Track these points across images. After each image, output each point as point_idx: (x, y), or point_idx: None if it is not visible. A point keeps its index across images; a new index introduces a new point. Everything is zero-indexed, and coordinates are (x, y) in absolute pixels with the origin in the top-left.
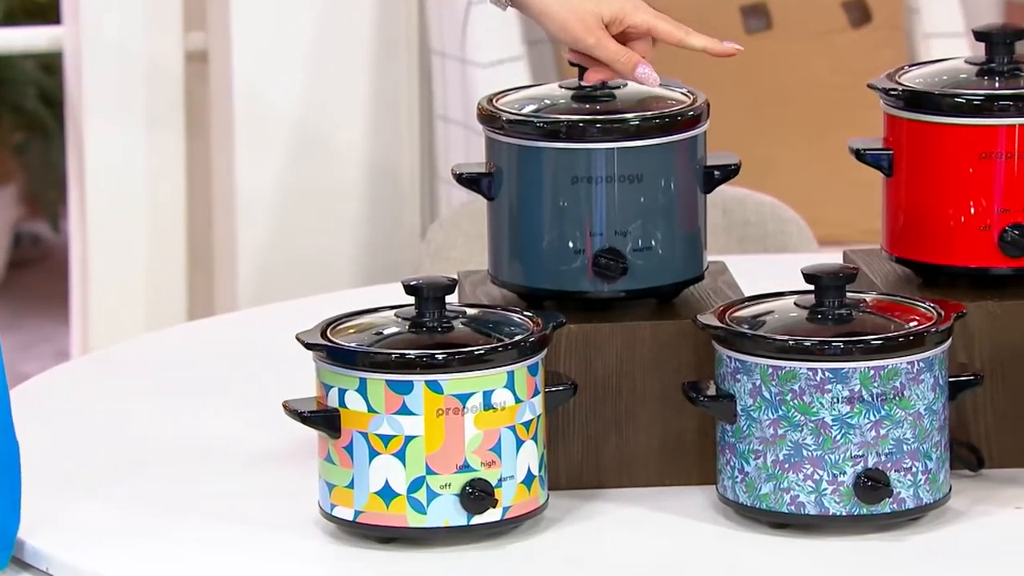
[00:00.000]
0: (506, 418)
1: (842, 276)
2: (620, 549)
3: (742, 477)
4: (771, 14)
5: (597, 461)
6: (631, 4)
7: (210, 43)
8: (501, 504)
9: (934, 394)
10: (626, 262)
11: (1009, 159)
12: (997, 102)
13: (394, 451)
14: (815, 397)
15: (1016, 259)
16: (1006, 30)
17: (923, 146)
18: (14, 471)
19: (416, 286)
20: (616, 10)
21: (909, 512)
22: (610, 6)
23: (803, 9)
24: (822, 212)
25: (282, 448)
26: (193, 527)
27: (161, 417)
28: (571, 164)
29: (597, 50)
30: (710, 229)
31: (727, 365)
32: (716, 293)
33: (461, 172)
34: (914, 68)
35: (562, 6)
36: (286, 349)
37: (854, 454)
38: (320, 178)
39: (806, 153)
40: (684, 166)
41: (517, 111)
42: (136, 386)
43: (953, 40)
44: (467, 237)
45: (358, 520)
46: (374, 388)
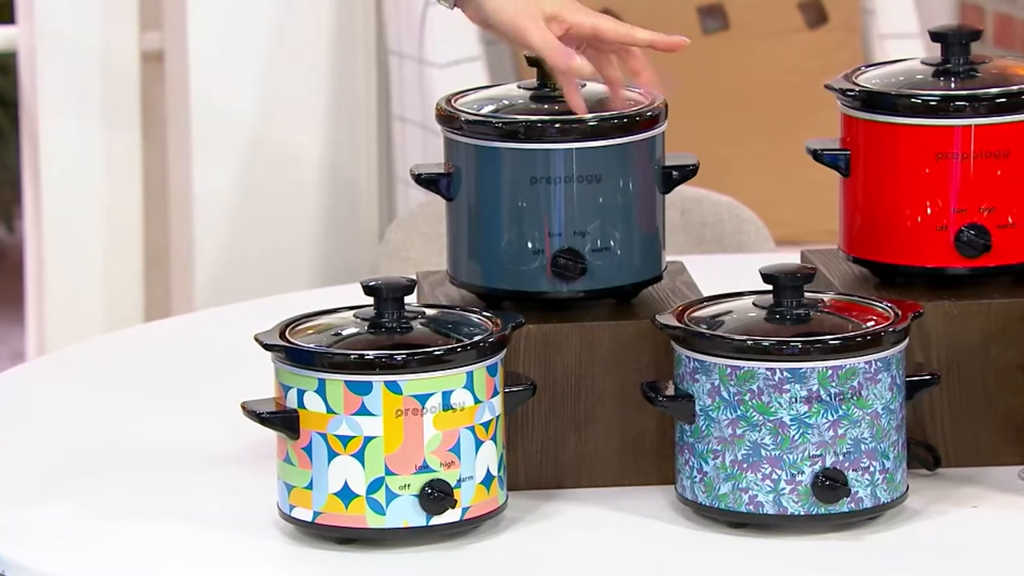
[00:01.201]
0: (465, 418)
1: (800, 276)
2: (579, 549)
3: (701, 477)
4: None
5: (556, 461)
6: (572, 5)
7: (166, 43)
8: (460, 505)
9: (891, 394)
10: (585, 262)
11: (965, 159)
12: (953, 103)
13: (353, 452)
14: (773, 397)
15: (972, 259)
16: (962, 31)
17: (880, 146)
18: None
19: (375, 287)
20: (557, 7)
21: (867, 511)
22: (551, 5)
23: (760, 10)
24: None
25: (240, 449)
26: (150, 528)
27: (118, 419)
28: (530, 164)
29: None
30: (668, 229)
31: (686, 365)
32: (675, 293)
33: (419, 172)
34: (870, 69)
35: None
36: (244, 350)
37: (812, 454)
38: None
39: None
40: (642, 166)
41: (476, 111)
42: (93, 388)
43: (908, 41)
44: (425, 238)
45: (317, 521)
46: (333, 389)
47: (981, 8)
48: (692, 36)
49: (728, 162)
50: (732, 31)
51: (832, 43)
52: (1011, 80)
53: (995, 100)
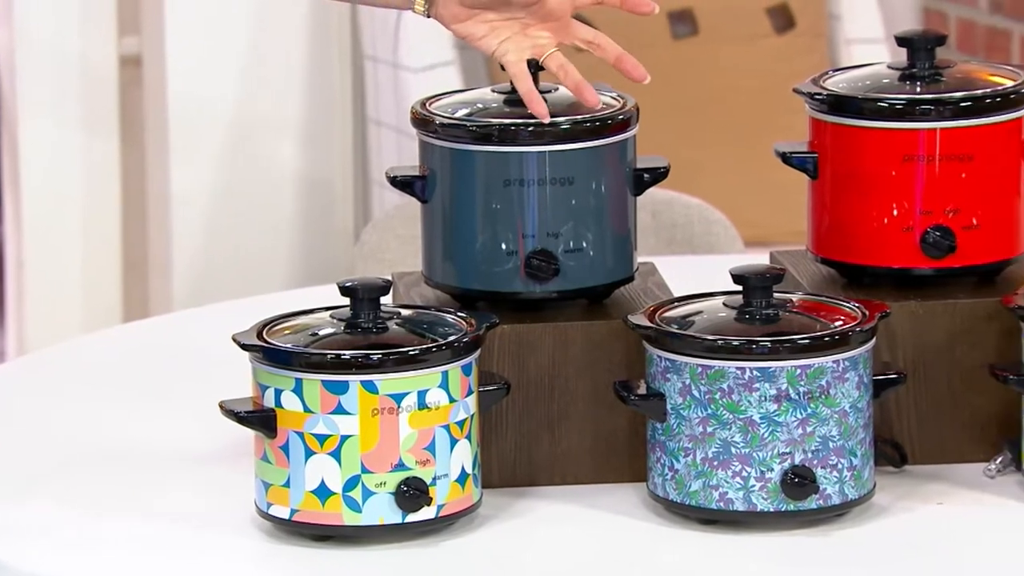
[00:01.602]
0: (440, 417)
1: (769, 277)
2: (552, 546)
3: (672, 474)
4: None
5: (530, 459)
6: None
7: (144, 48)
8: (435, 502)
9: (859, 392)
10: (558, 263)
11: (930, 162)
12: (919, 106)
13: (329, 450)
14: (743, 396)
15: (937, 260)
16: (927, 36)
17: (847, 149)
18: None
19: (351, 287)
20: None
21: (835, 508)
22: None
23: (728, 15)
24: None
25: (218, 448)
26: (130, 526)
27: (98, 418)
28: (503, 167)
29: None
30: (639, 231)
31: (657, 364)
32: (646, 293)
33: (395, 175)
34: (838, 73)
35: None
36: (222, 350)
37: (781, 451)
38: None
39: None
40: (614, 169)
41: (450, 115)
42: (73, 388)
43: (874, 46)
44: (401, 239)
45: (294, 518)
46: (310, 388)
47: (944, 14)
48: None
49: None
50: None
51: (799, 48)
52: (975, 84)
53: (960, 104)
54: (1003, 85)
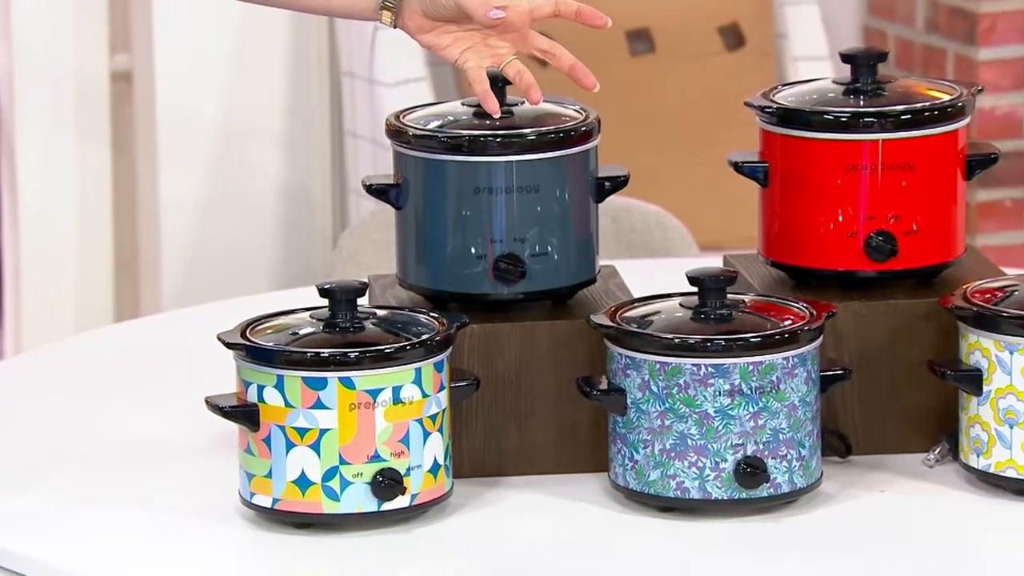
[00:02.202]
0: (414, 411)
1: (723, 279)
2: (519, 532)
3: (632, 465)
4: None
5: (498, 451)
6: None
7: (135, 64)
8: (409, 491)
9: (807, 387)
10: (524, 266)
11: (873, 171)
12: (862, 119)
13: (309, 443)
14: (699, 391)
15: (880, 263)
16: (870, 53)
17: (795, 159)
18: None
19: (329, 289)
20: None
21: (784, 496)
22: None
23: (683, 34)
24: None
25: (204, 441)
26: (120, 515)
27: (90, 413)
28: (473, 176)
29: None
30: (601, 236)
31: (618, 361)
32: (607, 295)
33: (370, 183)
34: (786, 88)
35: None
36: (208, 348)
37: (734, 443)
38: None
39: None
40: (577, 177)
41: (422, 127)
42: (67, 384)
43: (818, 63)
44: (376, 244)
45: (276, 507)
46: (291, 384)
47: (884, 32)
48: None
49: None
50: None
51: (749, 65)
52: (915, 98)
53: (900, 117)
54: (941, 99)
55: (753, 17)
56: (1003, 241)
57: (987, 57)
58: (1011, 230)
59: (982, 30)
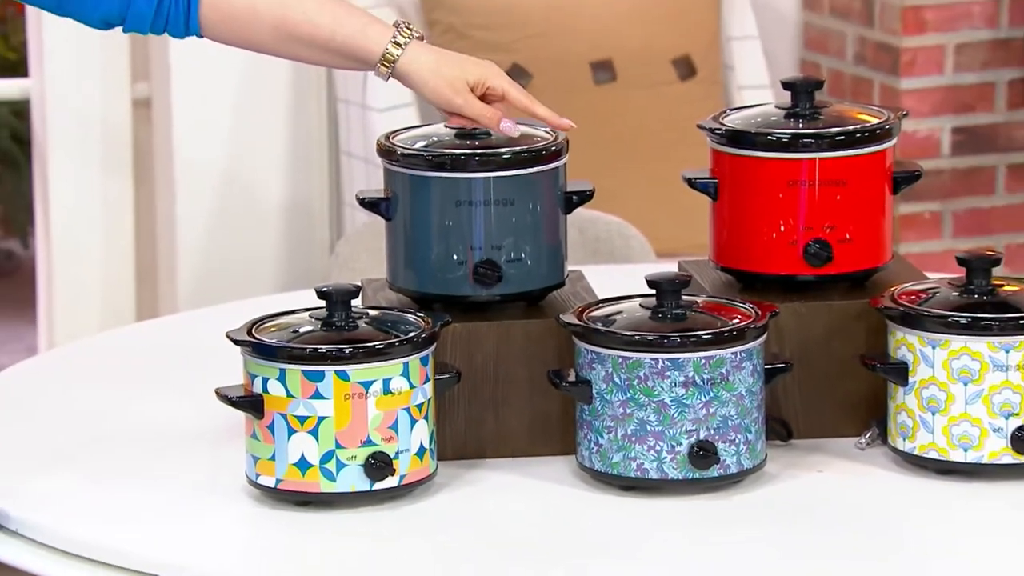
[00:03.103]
0: (402, 401)
1: (678, 282)
2: (497, 508)
3: (597, 448)
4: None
5: (478, 436)
6: (491, 71)
7: (153, 92)
8: (398, 473)
9: (753, 379)
10: (501, 271)
11: (811, 186)
12: (801, 139)
13: (309, 429)
14: (656, 382)
15: (817, 268)
16: (807, 81)
17: (742, 175)
18: None
19: (327, 292)
20: (479, 76)
21: (733, 476)
22: (473, 73)
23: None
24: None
25: (214, 427)
26: (139, 493)
27: (113, 402)
28: (455, 190)
29: (465, 109)
30: (569, 244)
31: (584, 356)
32: (575, 296)
33: (363, 197)
34: (733, 112)
35: (434, 75)
36: (218, 345)
37: (688, 429)
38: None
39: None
40: (548, 192)
41: (410, 146)
42: (93, 376)
43: (761, 91)
44: (369, 251)
45: (278, 487)
46: (292, 377)
47: (818, 64)
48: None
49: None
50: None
51: (700, 92)
52: (848, 122)
53: (835, 138)
54: (871, 122)
55: (703, 50)
56: (923, 249)
57: (909, 87)
58: (930, 240)
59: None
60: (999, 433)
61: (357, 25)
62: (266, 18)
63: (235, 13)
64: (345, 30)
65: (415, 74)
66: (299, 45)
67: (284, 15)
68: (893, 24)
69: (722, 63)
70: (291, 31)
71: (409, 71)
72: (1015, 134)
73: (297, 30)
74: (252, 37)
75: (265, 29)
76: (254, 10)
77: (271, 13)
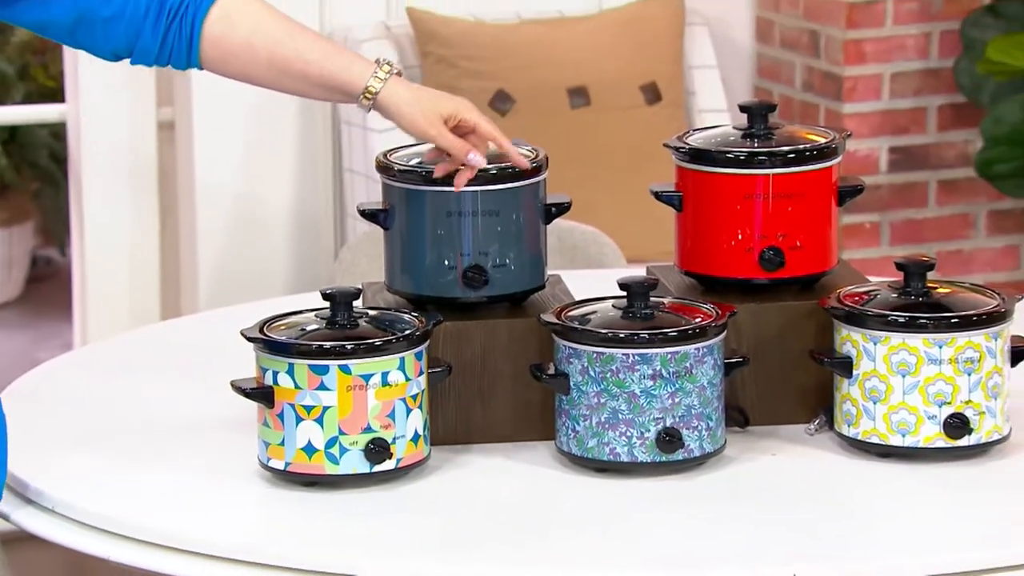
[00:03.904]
0: (399, 392)
1: (646, 285)
2: (484, 488)
3: (574, 434)
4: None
5: (467, 423)
6: (464, 106)
7: (176, 115)
8: (395, 456)
9: (714, 372)
10: (487, 275)
11: (765, 199)
12: (756, 157)
13: (315, 417)
14: (627, 375)
15: (771, 272)
16: (762, 105)
17: (703, 189)
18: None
19: (331, 294)
20: (451, 109)
21: (696, 459)
22: (447, 107)
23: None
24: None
25: (229, 416)
26: (161, 474)
27: (139, 392)
28: (446, 202)
29: (439, 140)
30: (549, 251)
31: (563, 351)
32: (554, 298)
33: (364, 209)
34: (696, 132)
35: (410, 106)
36: (233, 342)
37: (656, 416)
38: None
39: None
40: (530, 204)
41: (405, 163)
42: (122, 369)
43: (719, 113)
44: (369, 258)
45: (287, 469)
46: (299, 370)
47: (770, 91)
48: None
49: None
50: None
51: (665, 115)
52: (798, 141)
53: (787, 156)
54: (819, 142)
55: (668, 78)
56: (864, 255)
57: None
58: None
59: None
60: (933, 420)
61: (343, 62)
62: (261, 54)
63: (233, 49)
64: (332, 66)
65: (393, 106)
66: (290, 79)
67: (277, 52)
68: (836, 55)
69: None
70: (284, 67)
71: (388, 103)
72: (944, 153)
73: (289, 66)
74: (247, 71)
75: (260, 64)
76: (251, 46)
77: (266, 49)
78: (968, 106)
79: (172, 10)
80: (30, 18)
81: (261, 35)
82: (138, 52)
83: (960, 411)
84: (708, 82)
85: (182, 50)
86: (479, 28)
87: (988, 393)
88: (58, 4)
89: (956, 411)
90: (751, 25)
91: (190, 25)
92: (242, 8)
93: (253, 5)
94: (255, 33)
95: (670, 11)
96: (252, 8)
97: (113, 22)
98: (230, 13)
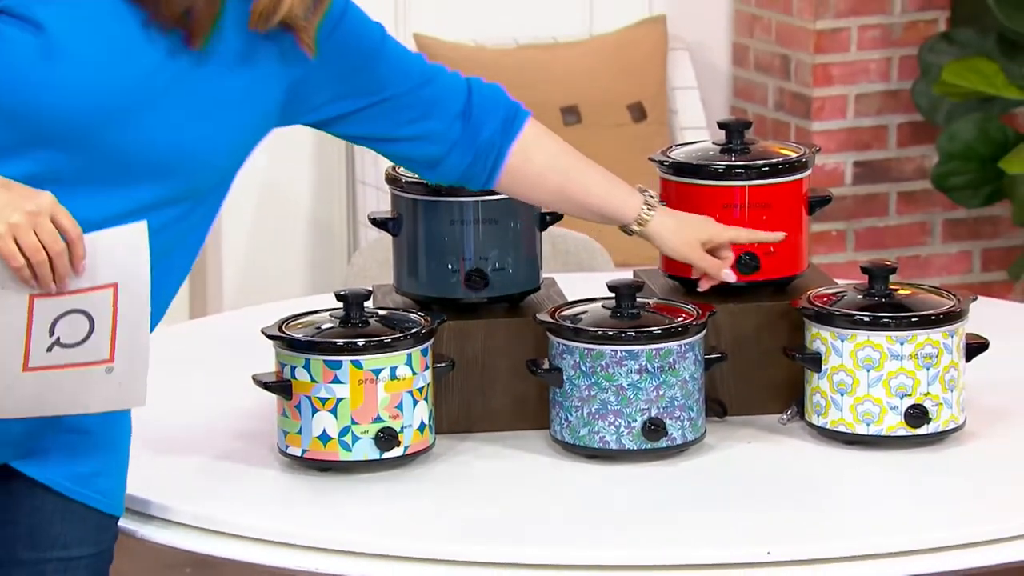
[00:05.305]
0: (406, 385)
1: (633, 287)
2: (485, 473)
3: (567, 424)
4: (581, 113)
5: (469, 414)
6: (714, 230)
7: None
8: (403, 444)
9: (695, 366)
10: (488, 278)
11: (742, 209)
12: (734, 170)
13: (329, 408)
14: (616, 369)
15: (748, 275)
16: (739, 122)
17: (686, 200)
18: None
19: (344, 295)
20: (708, 236)
21: (679, 447)
22: (703, 234)
23: (602, 110)
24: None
25: (251, 406)
26: (189, 459)
27: (168, 385)
28: (449, 211)
29: (699, 263)
30: (543, 256)
31: (557, 348)
32: (549, 299)
33: (374, 217)
34: (679, 147)
35: (674, 236)
36: (255, 339)
37: (642, 408)
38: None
39: None
40: (526, 213)
41: (412, 175)
42: (154, 363)
43: (700, 130)
44: (379, 262)
45: (304, 456)
46: (315, 365)
47: (745, 110)
48: (556, 127)
49: None
50: (584, 123)
51: (650, 132)
52: (772, 156)
53: (762, 169)
54: (790, 156)
55: (653, 98)
56: (831, 260)
57: (819, 128)
58: (837, 252)
59: (815, 109)
60: (895, 411)
61: (621, 196)
62: (551, 185)
63: (527, 180)
64: (612, 200)
65: (659, 236)
66: (572, 206)
67: (567, 186)
68: (806, 78)
69: (668, 108)
70: (569, 196)
71: (655, 232)
72: (904, 167)
73: (574, 197)
74: (534, 195)
75: (549, 193)
76: (543, 178)
77: (556, 183)
78: (925, 124)
79: (481, 146)
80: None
81: (554, 170)
82: (439, 172)
83: (920, 402)
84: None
85: (481, 177)
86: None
87: (945, 386)
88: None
89: (916, 402)
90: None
91: (494, 158)
92: (538, 144)
93: (547, 140)
94: (549, 168)
95: (654, 37)
96: (546, 144)
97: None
98: (528, 147)
